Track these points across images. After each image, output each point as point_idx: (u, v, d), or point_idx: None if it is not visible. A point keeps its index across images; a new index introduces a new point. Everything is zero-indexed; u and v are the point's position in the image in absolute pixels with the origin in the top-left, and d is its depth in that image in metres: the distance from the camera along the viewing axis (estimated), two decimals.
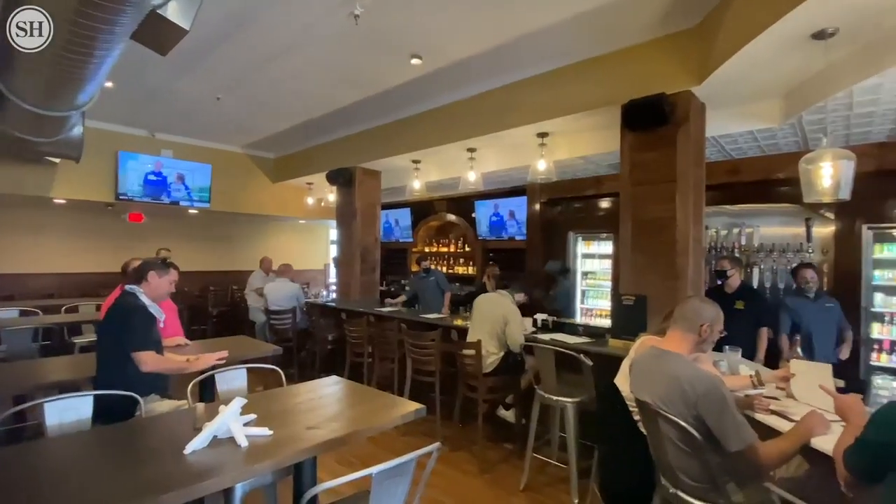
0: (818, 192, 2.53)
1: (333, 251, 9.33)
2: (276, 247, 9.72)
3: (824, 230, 5.03)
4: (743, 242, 5.44)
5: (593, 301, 7.09)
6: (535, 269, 7.11)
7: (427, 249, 9.69)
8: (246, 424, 1.81)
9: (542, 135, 4.61)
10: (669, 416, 1.78)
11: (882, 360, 4.70)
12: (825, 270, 4.96)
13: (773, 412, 2.05)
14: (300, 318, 6.03)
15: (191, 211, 7.56)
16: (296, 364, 5.77)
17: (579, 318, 7.02)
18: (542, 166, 4.63)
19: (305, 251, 10.75)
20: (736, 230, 5.51)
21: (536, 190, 7.28)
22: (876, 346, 4.76)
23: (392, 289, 9.22)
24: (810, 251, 5.05)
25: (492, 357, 3.69)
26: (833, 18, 2.37)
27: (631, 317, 3.39)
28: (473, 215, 8.41)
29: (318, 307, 6.11)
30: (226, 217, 8.53)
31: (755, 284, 5.23)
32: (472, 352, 3.65)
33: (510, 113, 4.48)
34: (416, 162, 5.94)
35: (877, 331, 4.76)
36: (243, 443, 1.71)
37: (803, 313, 3.84)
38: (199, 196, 7.16)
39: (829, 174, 2.48)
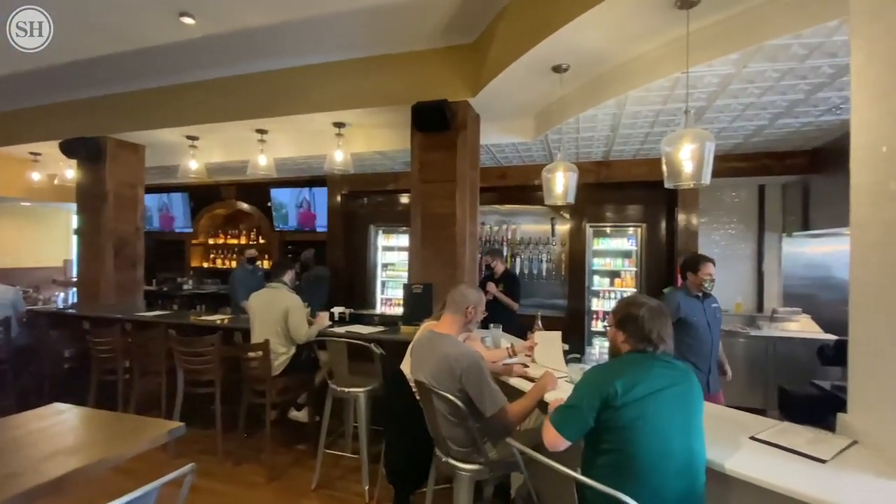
0: (554, 197, 3.16)
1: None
2: None
3: (563, 227, 6.39)
4: (509, 237, 6.48)
5: (393, 291, 7.40)
6: (335, 261, 7.00)
7: (212, 241, 8.53)
8: None
9: (339, 125, 4.53)
10: (441, 392, 1.98)
11: (598, 326, 6.24)
12: (563, 259, 6.31)
13: (522, 376, 2.48)
14: (17, 332, 4.56)
15: None
16: (12, 392, 4.36)
17: (379, 309, 7.24)
18: (339, 157, 4.55)
19: (35, 244, 8.19)
20: (504, 226, 6.51)
21: (337, 181, 7.16)
22: (595, 316, 6.29)
23: (165, 288, 7.82)
24: (554, 244, 6.34)
25: (281, 357, 3.47)
26: (566, 57, 2.97)
27: (420, 304, 3.64)
28: (269, 204, 7.77)
29: (46, 316, 4.72)
30: None
31: (517, 271, 6.29)
32: (258, 353, 3.36)
33: (305, 97, 4.27)
34: (192, 138, 5.12)
35: (595, 304, 6.30)
36: None
37: (697, 315, 3.11)
38: None
39: (561, 182, 3.12)
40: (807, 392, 2.63)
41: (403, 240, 7.28)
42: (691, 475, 1.43)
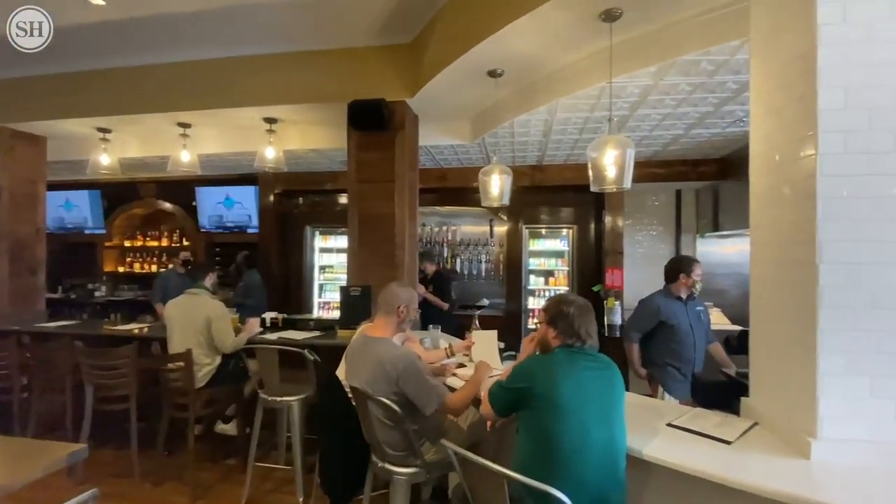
0: (490, 199, 3.22)
1: None
2: None
3: (501, 229, 6.55)
4: (450, 238, 6.53)
5: (331, 295, 7.19)
6: (268, 264, 6.68)
7: (128, 243, 7.82)
8: None
9: (271, 120, 4.34)
10: (375, 396, 1.95)
11: (533, 324, 6.45)
12: (501, 259, 6.48)
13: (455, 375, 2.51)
14: None
15: None
16: None
17: (317, 313, 7.02)
18: (270, 154, 4.35)
19: None
20: (445, 227, 6.56)
21: (270, 180, 6.84)
22: (531, 314, 6.50)
23: (73, 296, 7.06)
24: (492, 245, 6.49)
25: (206, 368, 3.25)
26: (500, 62, 3.04)
27: (358, 307, 3.56)
28: (194, 204, 7.26)
29: None
30: None
31: (458, 269, 6.38)
32: (179, 365, 3.12)
33: (232, 90, 4.03)
34: (103, 130, 4.67)
35: (531, 303, 6.52)
36: None
37: (679, 317, 3.13)
38: None
39: (496, 185, 3.19)
40: (717, 379, 2.89)
41: (342, 241, 7.10)
42: (612, 463, 1.51)
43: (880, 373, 1.49)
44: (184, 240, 7.66)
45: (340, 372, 2.42)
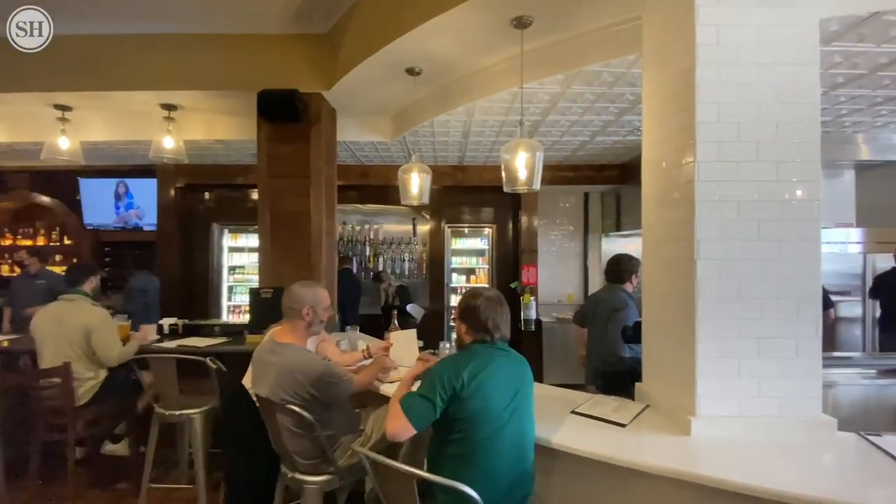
0: (410, 197, 3.21)
1: None
2: None
3: (424, 227, 6.57)
4: (372, 237, 6.42)
5: (242, 297, 6.73)
6: (168, 265, 6.09)
7: None
8: None
9: (169, 107, 3.94)
10: (284, 405, 1.85)
11: (454, 322, 6.57)
12: (424, 258, 6.50)
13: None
14: None
15: None
16: None
17: (226, 317, 6.55)
18: (169, 144, 3.95)
19: None
20: (367, 226, 6.44)
21: (171, 172, 6.23)
22: (453, 312, 6.59)
23: None
24: (416, 244, 6.49)
25: (88, 383, 2.87)
26: (418, 60, 3.03)
27: (269, 310, 3.35)
28: (78, 198, 6.40)
29: None
30: None
31: (380, 268, 6.30)
32: (56, 380, 2.73)
33: (121, 71, 3.60)
34: None
35: (453, 301, 6.61)
36: None
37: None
38: None
39: (416, 183, 3.18)
40: (617, 367, 3.14)
41: (254, 240, 6.66)
42: (522, 455, 1.57)
43: (746, 355, 1.70)
44: (65, 238, 6.73)
45: (247, 380, 2.27)
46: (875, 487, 1.38)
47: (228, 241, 6.72)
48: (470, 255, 6.78)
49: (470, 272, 6.74)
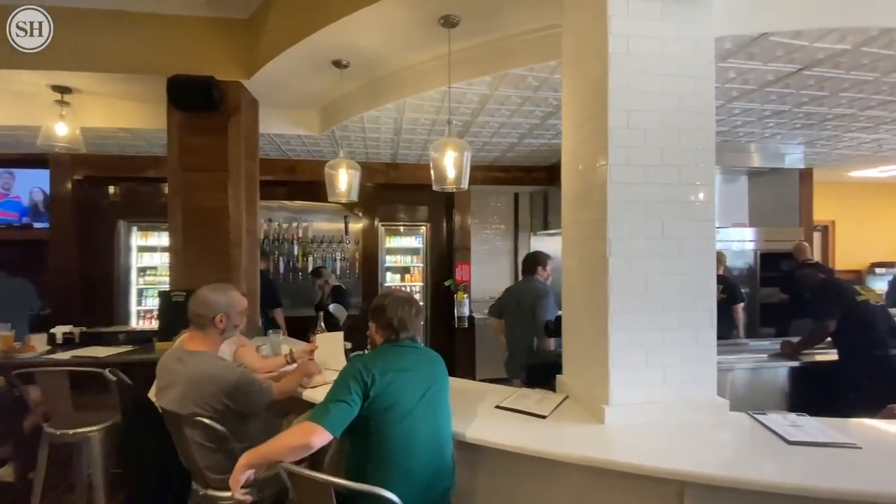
0: (337, 194, 3.11)
1: None
2: None
3: (357, 226, 6.42)
4: (300, 235, 6.16)
5: (154, 301, 6.17)
6: (63, 267, 5.43)
7: None
8: None
9: (62, 89, 3.51)
10: (194, 418, 1.71)
11: None
12: (357, 257, 6.36)
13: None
14: None
15: None
16: None
17: (135, 323, 5.99)
18: (61, 130, 3.52)
19: None
20: (295, 224, 6.17)
21: (67, 163, 5.54)
22: None
23: None
24: (348, 242, 6.33)
25: None
26: (345, 53, 2.94)
27: (181, 315, 3.09)
28: None
29: None
30: None
31: (310, 267, 6.08)
32: None
33: (3, 46, 3.14)
34: None
35: None
36: None
37: None
38: None
39: (344, 180, 3.09)
40: (542, 361, 3.27)
41: (168, 238, 6.16)
42: (439, 453, 1.57)
43: (652, 345, 1.83)
44: None
45: (152, 393, 2.07)
46: (763, 460, 1.55)
47: (138, 239, 6.14)
48: (404, 253, 6.72)
49: (405, 271, 6.69)
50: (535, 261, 3.61)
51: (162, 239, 6.14)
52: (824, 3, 2.18)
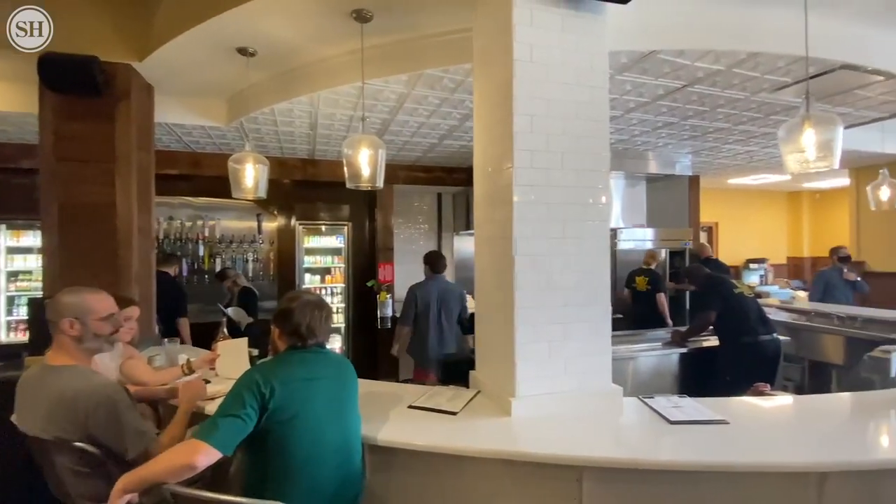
0: (243, 190, 2.91)
1: None
2: None
3: (271, 225, 6.09)
4: (207, 234, 5.71)
5: (25, 309, 5.39)
6: None
7: None
8: None
9: None
10: (61, 443, 1.50)
11: None
12: (272, 258, 6.03)
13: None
14: None
15: None
16: None
17: (5, 336, 5.20)
18: None
19: None
20: (200, 222, 5.70)
21: None
22: None
23: None
24: (261, 242, 5.98)
25: None
26: (251, 41, 2.76)
27: None
28: None
29: None
30: None
31: (217, 268, 5.65)
32: None
33: None
34: None
35: None
36: None
37: None
38: None
39: (251, 175, 2.90)
40: (458, 357, 3.34)
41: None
42: (347, 459, 1.53)
43: (554, 338, 1.93)
44: None
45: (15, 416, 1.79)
46: (648, 440, 1.69)
47: (7, 240, 5.33)
48: (325, 253, 6.49)
49: (325, 272, 6.46)
50: (444, 260, 3.71)
51: (38, 239, 5.38)
52: (701, 26, 2.45)
